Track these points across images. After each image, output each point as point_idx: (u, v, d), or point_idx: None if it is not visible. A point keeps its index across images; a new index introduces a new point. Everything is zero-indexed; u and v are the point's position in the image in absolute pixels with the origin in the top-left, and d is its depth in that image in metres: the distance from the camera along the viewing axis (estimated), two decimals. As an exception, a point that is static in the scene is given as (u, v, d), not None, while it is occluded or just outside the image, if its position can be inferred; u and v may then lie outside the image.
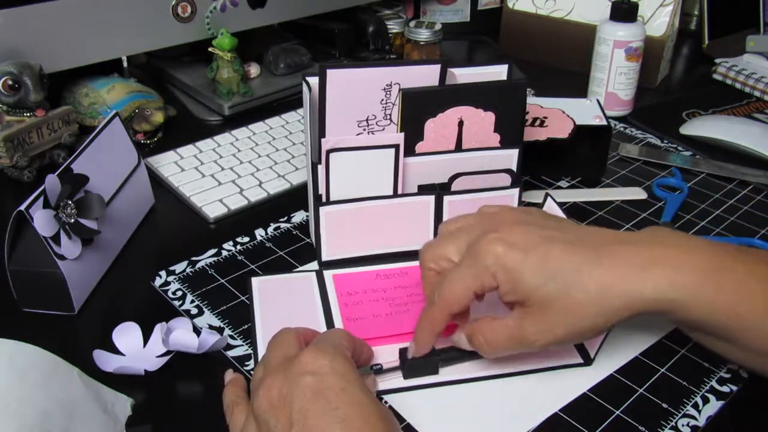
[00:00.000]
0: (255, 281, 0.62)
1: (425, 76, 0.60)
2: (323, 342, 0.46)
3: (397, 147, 0.61)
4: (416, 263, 0.64)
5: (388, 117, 0.61)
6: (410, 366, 0.52)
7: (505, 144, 0.64)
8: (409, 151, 0.62)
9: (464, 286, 0.49)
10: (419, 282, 0.62)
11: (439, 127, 0.62)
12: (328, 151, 0.59)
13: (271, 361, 0.46)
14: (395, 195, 0.63)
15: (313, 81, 0.58)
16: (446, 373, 0.53)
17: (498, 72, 0.64)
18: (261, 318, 0.58)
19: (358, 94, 0.59)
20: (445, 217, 0.64)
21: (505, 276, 0.48)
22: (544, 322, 0.47)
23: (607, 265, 0.47)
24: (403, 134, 0.61)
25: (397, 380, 0.53)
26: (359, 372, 0.45)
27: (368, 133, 0.61)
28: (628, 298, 0.46)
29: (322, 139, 0.59)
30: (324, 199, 0.62)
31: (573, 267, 0.47)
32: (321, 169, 0.61)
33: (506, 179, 0.65)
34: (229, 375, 0.52)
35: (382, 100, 0.60)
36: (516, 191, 0.65)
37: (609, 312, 0.46)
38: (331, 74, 0.57)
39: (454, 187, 0.64)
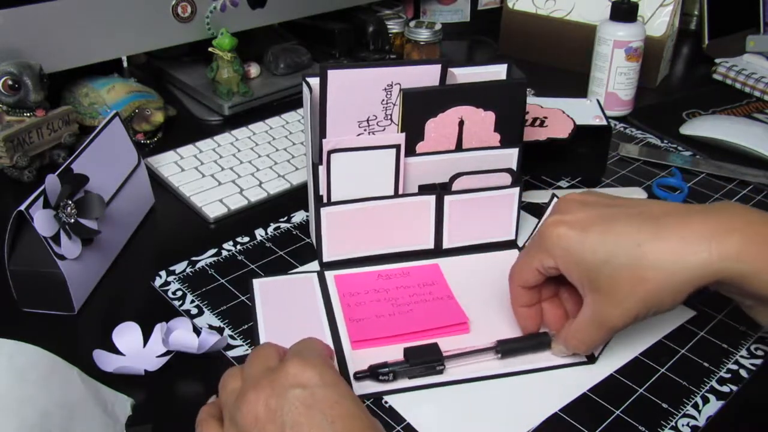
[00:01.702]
0: (256, 282, 0.62)
1: (425, 76, 0.60)
2: (306, 352, 0.45)
3: (398, 147, 0.61)
4: (417, 263, 0.65)
5: (389, 117, 0.61)
6: (414, 365, 0.53)
7: (505, 143, 0.64)
8: (410, 151, 0.62)
9: (527, 265, 0.52)
10: (421, 282, 0.62)
11: (439, 127, 0.62)
12: (329, 152, 0.59)
13: (252, 373, 0.44)
14: (396, 195, 0.63)
15: (314, 81, 0.58)
16: (447, 373, 0.53)
17: (498, 72, 0.64)
18: (263, 319, 0.58)
19: (359, 95, 0.59)
20: (446, 217, 0.64)
21: (564, 257, 0.49)
22: (618, 303, 0.48)
23: (669, 238, 0.46)
24: (404, 134, 0.61)
25: (399, 381, 0.53)
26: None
27: (369, 133, 0.61)
28: (693, 270, 0.45)
29: (323, 140, 0.59)
30: (325, 200, 0.62)
31: (635, 242, 0.47)
32: (322, 169, 0.60)
33: (506, 179, 0.65)
34: (212, 400, 0.49)
35: (383, 100, 0.60)
36: (516, 191, 0.65)
37: (675, 285, 0.46)
38: (332, 74, 0.57)
39: (455, 186, 0.64)
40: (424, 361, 0.53)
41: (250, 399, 0.41)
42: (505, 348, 0.54)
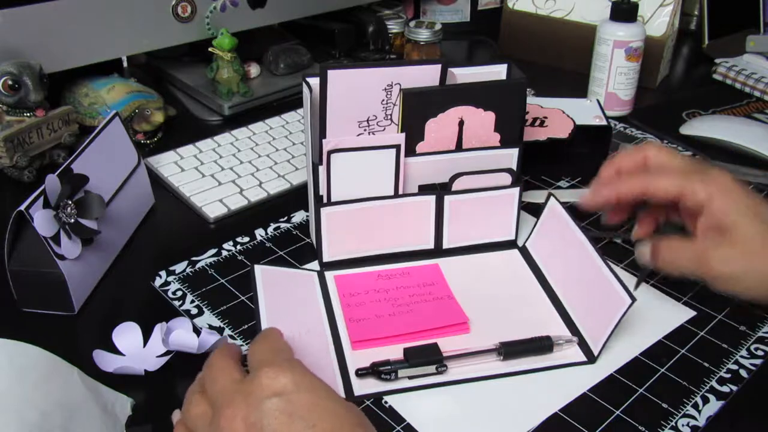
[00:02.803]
0: (258, 269, 0.60)
1: (425, 76, 0.60)
2: (272, 355, 0.43)
3: (398, 147, 0.61)
4: (417, 263, 0.65)
5: (389, 117, 0.61)
6: (414, 365, 0.53)
7: (505, 143, 0.64)
8: (410, 151, 0.62)
9: (677, 182, 0.56)
10: (421, 282, 0.62)
11: (439, 127, 0.62)
12: (329, 152, 0.59)
13: (218, 390, 0.42)
14: (396, 195, 0.63)
15: (314, 81, 0.58)
16: (447, 373, 0.53)
17: (498, 72, 0.64)
18: (265, 305, 0.55)
19: (359, 95, 0.59)
20: (446, 217, 0.64)
21: (722, 198, 0.54)
22: (731, 252, 0.54)
23: None
24: (403, 134, 0.61)
25: (398, 380, 0.53)
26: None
27: (369, 133, 0.61)
28: None
29: (324, 140, 0.59)
30: (325, 200, 0.62)
31: None
32: (322, 169, 0.60)
33: (507, 179, 0.65)
34: (175, 416, 0.47)
35: (383, 100, 0.60)
36: (516, 191, 0.65)
37: None
38: (332, 75, 0.57)
39: (455, 186, 0.64)
40: (427, 361, 0.53)
41: (227, 417, 0.39)
42: (508, 350, 0.54)
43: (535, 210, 0.72)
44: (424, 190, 0.64)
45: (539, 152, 0.73)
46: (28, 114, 0.77)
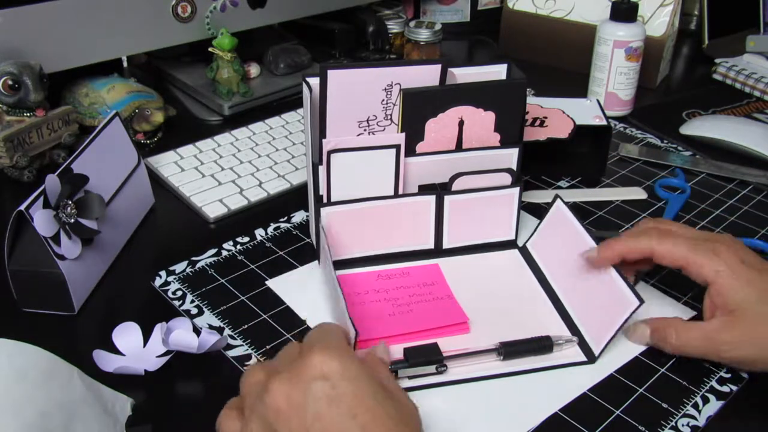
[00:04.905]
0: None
1: (425, 76, 0.60)
2: (328, 339, 0.44)
3: (398, 147, 0.61)
4: (418, 263, 0.65)
5: (389, 117, 0.61)
6: (415, 364, 0.53)
7: (505, 143, 0.64)
8: (410, 151, 0.62)
9: (683, 252, 0.55)
10: (421, 282, 0.62)
11: (439, 127, 0.61)
12: (329, 152, 0.59)
13: (275, 365, 0.44)
14: (396, 195, 0.63)
15: (314, 81, 0.58)
16: (447, 373, 0.53)
17: (497, 72, 0.64)
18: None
19: (359, 95, 0.59)
20: (446, 217, 0.64)
21: (729, 277, 0.53)
22: (741, 335, 0.52)
23: None
24: (404, 135, 0.61)
25: (399, 380, 0.53)
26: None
27: (369, 133, 0.61)
28: None
29: (323, 140, 0.59)
30: (325, 200, 0.62)
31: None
32: (322, 169, 0.60)
33: (507, 179, 0.65)
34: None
35: (383, 100, 0.60)
36: (516, 190, 0.65)
37: None
38: (332, 75, 0.57)
39: (455, 186, 0.64)
40: (427, 361, 0.53)
41: (273, 390, 0.40)
42: (508, 350, 0.54)
43: (534, 210, 0.73)
44: (424, 190, 0.64)
45: (539, 152, 0.73)
46: (28, 114, 0.77)
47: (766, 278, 0.53)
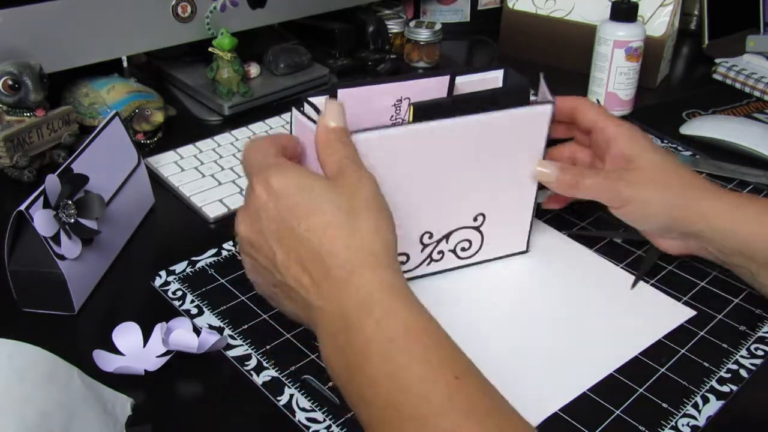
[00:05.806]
0: None
1: (434, 88, 0.60)
2: (259, 158, 0.50)
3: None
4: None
5: None
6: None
7: None
8: None
9: (598, 115, 0.62)
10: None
11: None
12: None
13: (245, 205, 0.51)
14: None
15: (319, 101, 0.54)
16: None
17: (495, 77, 0.64)
18: None
19: (368, 111, 0.59)
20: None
21: (628, 136, 0.60)
22: (638, 176, 0.58)
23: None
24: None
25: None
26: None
27: None
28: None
29: None
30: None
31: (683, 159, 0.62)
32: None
33: None
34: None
35: (392, 116, 0.60)
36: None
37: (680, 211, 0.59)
38: (342, 94, 0.57)
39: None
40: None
41: (240, 234, 0.50)
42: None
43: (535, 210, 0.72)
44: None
45: (539, 152, 0.73)
46: (28, 114, 0.77)
47: (656, 145, 0.61)
